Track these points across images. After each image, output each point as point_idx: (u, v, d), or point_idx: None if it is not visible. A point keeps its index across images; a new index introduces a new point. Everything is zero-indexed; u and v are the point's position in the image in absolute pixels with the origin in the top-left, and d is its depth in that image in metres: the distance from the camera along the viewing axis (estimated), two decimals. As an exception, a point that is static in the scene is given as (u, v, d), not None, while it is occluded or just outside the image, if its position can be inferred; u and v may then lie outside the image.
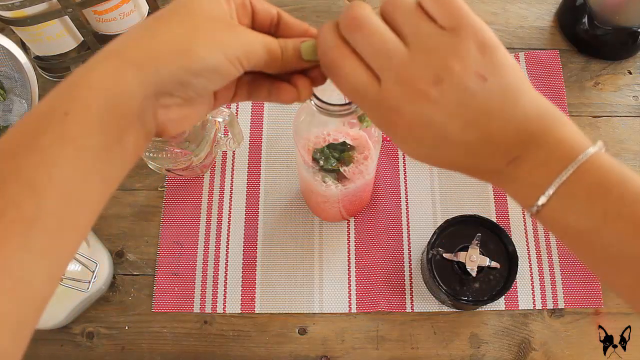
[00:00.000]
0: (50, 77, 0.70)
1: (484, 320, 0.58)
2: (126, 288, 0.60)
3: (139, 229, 0.63)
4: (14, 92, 0.66)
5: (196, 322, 0.59)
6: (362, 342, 0.58)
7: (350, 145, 0.47)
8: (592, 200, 0.27)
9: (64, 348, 0.58)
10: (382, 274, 0.60)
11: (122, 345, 0.58)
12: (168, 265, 0.61)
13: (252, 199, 0.64)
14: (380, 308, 0.58)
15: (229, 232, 0.62)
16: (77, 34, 0.67)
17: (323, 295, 0.59)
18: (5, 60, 0.65)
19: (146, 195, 0.64)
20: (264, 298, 0.59)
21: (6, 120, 0.65)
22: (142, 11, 0.69)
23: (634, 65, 0.70)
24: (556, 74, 0.70)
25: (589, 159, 0.27)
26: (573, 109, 0.68)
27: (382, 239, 0.61)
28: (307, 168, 0.49)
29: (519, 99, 0.28)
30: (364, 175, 0.50)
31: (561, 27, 0.73)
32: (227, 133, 0.65)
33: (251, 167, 0.65)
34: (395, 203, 0.63)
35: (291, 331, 0.58)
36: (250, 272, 0.60)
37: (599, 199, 0.27)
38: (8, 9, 0.57)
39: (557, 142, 0.28)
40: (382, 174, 0.64)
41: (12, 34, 0.66)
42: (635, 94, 0.69)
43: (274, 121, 0.68)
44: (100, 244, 0.59)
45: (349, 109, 0.39)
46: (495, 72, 0.28)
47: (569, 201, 0.28)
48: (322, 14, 0.74)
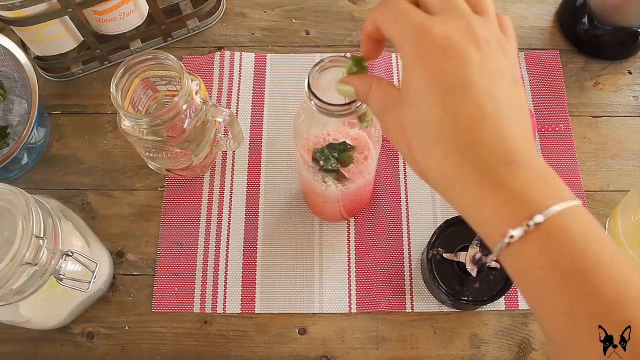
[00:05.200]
0: (50, 77, 0.70)
1: (484, 320, 0.58)
2: (126, 288, 0.60)
3: (139, 229, 0.63)
4: (14, 92, 0.66)
5: (196, 322, 0.59)
6: (362, 342, 0.58)
7: (350, 145, 0.47)
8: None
9: (64, 348, 0.58)
10: (382, 274, 0.60)
11: (122, 345, 0.58)
12: (168, 265, 0.61)
13: (252, 199, 0.64)
14: (380, 308, 0.58)
15: (229, 232, 0.62)
16: (77, 34, 0.67)
17: (323, 295, 0.59)
18: (5, 60, 0.65)
19: (146, 195, 0.64)
20: (264, 298, 0.59)
21: (6, 121, 0.65)
22: (142, 11, 0.69)
23: (634, 65, 0.70)
24: (556, 74, 0.70)
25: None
26: (573, 109, 0.68)
27: (382, 239, 0.61)
28: (307, 168, 0.49)
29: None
30: (364, 175, 0.50)
31: (561, 27, 0.73)
32: (227, 133, 0.65)
33: (251, 167, 0.65)
34: (395, 203, 0.63)
35: (291, 331, 0.58)
36: (250, 272, 0.60)
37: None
38: (8, 9, 0.57)
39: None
40: (382, 174, 0.64)
41: (12, 34, 0.66)
42: (635, 94, 0.69)
43: (274, 121, 0.68)
44: (100, 244, 0.59)
45: (349, 109, 0.39)
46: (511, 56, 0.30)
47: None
48: (321, 14, 0.74)
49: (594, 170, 0.64)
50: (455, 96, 0.28)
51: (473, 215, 0.29)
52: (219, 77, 0.70)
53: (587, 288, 0.26)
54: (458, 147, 0.28)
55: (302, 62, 0.71)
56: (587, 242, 0.27)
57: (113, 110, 0.68)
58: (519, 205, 0.27)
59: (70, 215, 0.54)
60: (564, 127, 0.66)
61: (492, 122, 0.28)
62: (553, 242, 0.26)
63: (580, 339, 0.26)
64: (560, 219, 0.27)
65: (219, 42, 0.73)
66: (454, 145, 0.28)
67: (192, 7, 0.73)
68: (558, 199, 0.27)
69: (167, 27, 0.70)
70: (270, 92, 0.69)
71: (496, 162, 0.28)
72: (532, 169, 0.28)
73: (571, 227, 0.27)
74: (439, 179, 0.30)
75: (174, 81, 0.57)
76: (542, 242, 0.26)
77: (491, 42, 0.29)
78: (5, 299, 0.46)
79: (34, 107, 0.60)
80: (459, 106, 0.28)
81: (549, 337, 0.28)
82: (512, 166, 0.28)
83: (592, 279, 0.26)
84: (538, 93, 0.68)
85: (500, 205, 0.27)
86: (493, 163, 0.28)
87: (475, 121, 0.28)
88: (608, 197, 0.63)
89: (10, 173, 0.64)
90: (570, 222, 0.27)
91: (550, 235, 0.26)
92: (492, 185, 0.28)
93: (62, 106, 0.69)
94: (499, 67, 0.29)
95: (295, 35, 0.73)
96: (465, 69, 0.28)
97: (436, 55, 0.28)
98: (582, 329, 0.26)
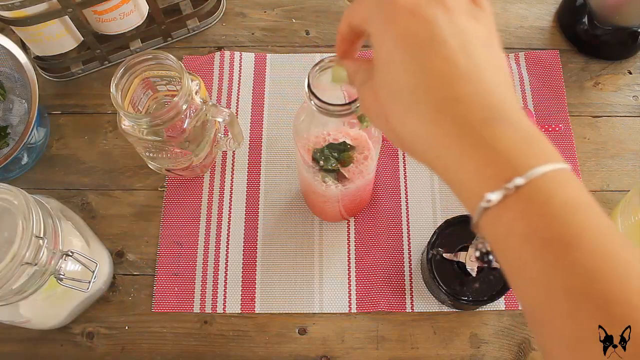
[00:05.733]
0: (50, 77, 0.70)
1: (484, 320, 0.58)
2: (126, 288, 0.60)
3: (139, 229, 0.63)
4: (14, 92, 0.66)
5: (196, 322, 0.59)
6: (362, 342, 0.58)
7: (350, 145, 0.47)
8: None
9: (64, 348, 0.58)
10: (382, 274, 0.60)
11: (122, 345, 0.58)
12: (168, 265, 0.61)
13: (252, 199, 0.64)
14: (380, 308, 0.58)
15: (229, 232, 0.62)
16: (77, 34, 0.67)
17: (323, 295, 0.59)
18: (5, 60, 0.65)
19: (146, 195, 0.64)
20: (264, 298, 0.59)
21: (6, 121, 0.65)
22: (142, 11, 0.69)
23: (634, 65, 0.70)
24: (556, 74, 0.70)
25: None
26: (573, 109, 0.68)
27: (382, 239, 0.61)
28: (307, 168, 0.49)
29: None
30: (364, 175, 0.50)
31: (561, 27, 0.73)
32: (227, 133, 0.65)
33: (251, 167, 0.65)
34: (395, 203, 0.63)
35: (291, 331, 0.58)
36: (250, 272, 0.60)
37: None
38: (8, 9, 0.57)
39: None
40: (382, 174, 0.64)
41: (12, 34, 0.66)
42: (635, 94, 0.69)
43: (274, 121, 0.68)
44: (100, 244, 0.59)
45: (349, 108, 0.39)
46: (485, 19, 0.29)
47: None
48: (321, 14, 0.74)
49: (594, 170, 0.64)
50: (425, 53, 0.27)
51: (452, 179, 0.27)
52: (219, 77, 0.70)
53: (567, 260, 0.23)
54: (433, 106, 0.26)
55: (302, 62, 0.71)
56: (573, 209, 0.24)
57: (113, 110, 0.68)
58: (499, 166, 0.25)
59: (70, 215, 0.54)
60: (564, 127, 0.66)
61: (468, 77, 0.26)
62: (534, 207, 0.24)
63: (557, 315, 0.24)
64: (543, 183, 0.24)
65: (219, 42, 0.73)
66: (429, 104, 0.27)
67: (192, 7, 0.73)
68: (542, 160, 0.25)
69: (167, 27, 0.70)
70: (270, 92, 0.69)
71: (475, 119, 0.26)
72: (515, 127, 0.26)
73: (555, 192, 0.24)
74: (415, 143, 0.28)
75: (174, 81, 0.57)
76: (522, 207, 0.24)
77: (460, 7, 0.28)
78: (5, 299, 0.46)
79: (34, 107, 0.60)
80: (430, 62, 0.27)
81: (525, 312, 0.26)
82: (492, 123, 0.26)
83: (573, 250, 0.23)
84: (538, 93, 0.68)
85: (478, 166, 0.25)
86: (471, 120, 0.26)
87: (449, 77, 0.26)
88: (608, 197, 0.63)
89: (10, 173, 0.64)
90: (554, 187, 0.24)
91: (531, 200, 0.24)
92: (470, 144, 0.26)
93: (62, 106, 0.69)
94: (472, 28, 0.28)
95: (295, 35, 0.73)
96: (434, 27, 0.27)
97: (402, 17, 0.27)
98: (559, 305, 0.24)
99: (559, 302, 0.24)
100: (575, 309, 0.23)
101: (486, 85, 0.26)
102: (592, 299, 0.23)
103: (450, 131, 0.26)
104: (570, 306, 0.23)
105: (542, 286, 0.24)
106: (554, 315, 0.24)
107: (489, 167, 0.25)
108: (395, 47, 0.28)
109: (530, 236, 0.24)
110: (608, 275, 0.23)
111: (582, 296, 0.23)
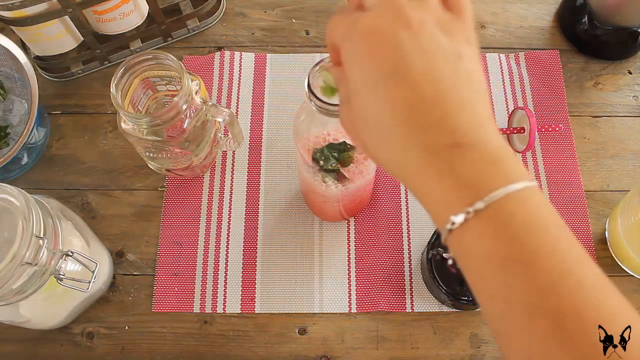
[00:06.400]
0: (50, 77, 0.70)
1: (484, 320, 0.58)
2: (126, 288, 0.60)
3: (139, 229, 0.63)
4: (14, 92, 0.66)
5: (196, 322, 0.59)
6: (362, 342, 0.58)
7: (350, 145, 0.47)
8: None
9: (64, 348, 0.58)
10: (382, 274, 0.60)
11: (122, 345, 0.58)
12: (168, 265, 0.61)
13: (252, 199, 0.64)
14: (380, 308, 0.58)
15: (229, 232, 0.62)
16: (77, 34, 0.67)
17: (323, 295, 0.59)
18: (5, 60, 0.65)
19: (146, 195, 0.64)
20: (264, 298, 0.59)
21: (6, 121, 0.65)
22: (142, 11, 0.69)
23: (634, 65, 0.70)
24: (556, 74, 0.70)
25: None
26: (573, 109, 0.68)
27: (382, 239, 0.61)
28: (307, 168, 0.49)
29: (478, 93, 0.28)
30: (364, 175, 0.50)
31: (561, 27, 0.73)
32: (227, 133, 0.65)
33: (251, 167, 0.65)
34: (395, 203, 0.63)
35: (291, 331, 0.58)
36: (250, 272, 0.60)
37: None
38: (8, 9, 0.57)
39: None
40: (382, 173, 0.64)
41: (12, 34, 0.66)
42: (635, 94, 0.69)
43: (274, 121, 0.68)
44: (100, 244, 0.59)
45: (349, 109, 0.39)
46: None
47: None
48: (321, 14, 0.74)
49: (594, 170, 0.65)
50: (391, 86, 0.27)
51: (424, 203, 0.29)
52: (219, 77, 0.70)
53: (524, 278, 0.25)
54: (402, 136, 0.27)
55: (302, 62, 0.71)
56: (531, 229, 0.25)
57: (113, 110, 0.68)
58: (462, 191, 0.26)
59: (70, 215, 0.54)
60: (564, 127, 0.66)
61: (433, 104, 0.27)
62: (493, 229, 0.26)
63: (515, 329, 0.26)
64: (504, 204, 0.26)
65: (219, 42, 0.73)
66: (398, 134, 0.27)
67: (192, 7, 0.73)
68: (505, 182, 0.26)
69: (167, 27, 0.70)
70: (270, 92, 0.69)
71: (441, 145, 0.27)
72: (480, 149, 0.27)
73: (515, 212, 0.26)
74: (390, 168, 0.30)
75: (174, 81, 0.57)
76: (482, 229, 0.26)
77: (426, 23, 0.28)
78: (5, 299, 0.46)
79: (34, 107, 0.60)
80: (395, 94, 0.27)
81: (489, 324, 0.28)
82: (457, 150, 0.26)
83: (530, 269, 0.25)
84: (538, 93, 0.69)
85: (444, 192, 0.27)
86: (438, 147, 0.27)
87: (416, 107, 0.27)
88: (608, 197, 0.63)
89: (10, 173, 0.64)
90: (514, 207, 0.26)
91: (490, 221, 0.26)
92: (436, 172, 0.27)
93: (62, 106, 0.69)
94: (438, 46, 0.27)
95: (295, 35, 0.73)
96: (396, 53, 0.27)
97: (366, 47, 0.28)
98: (517, 319, 0.25)
99: (517, 317, 0.25)
100: (532, 324, 0.25)
101: (453, 108, 0.27)
102: (547, 315, 0.25)
103: (419, 159, 0.27)
104: (527, 321, 0.25)
105: (501, 302, 0.26)
106: (513, 329, 0.26)
107: (453, 193, 0.27)
108: (362, 80, 0.28)
109: (490, 256, 0.26)
110: (562, 292, 0.25)
111: (538, 312, 0.25)
